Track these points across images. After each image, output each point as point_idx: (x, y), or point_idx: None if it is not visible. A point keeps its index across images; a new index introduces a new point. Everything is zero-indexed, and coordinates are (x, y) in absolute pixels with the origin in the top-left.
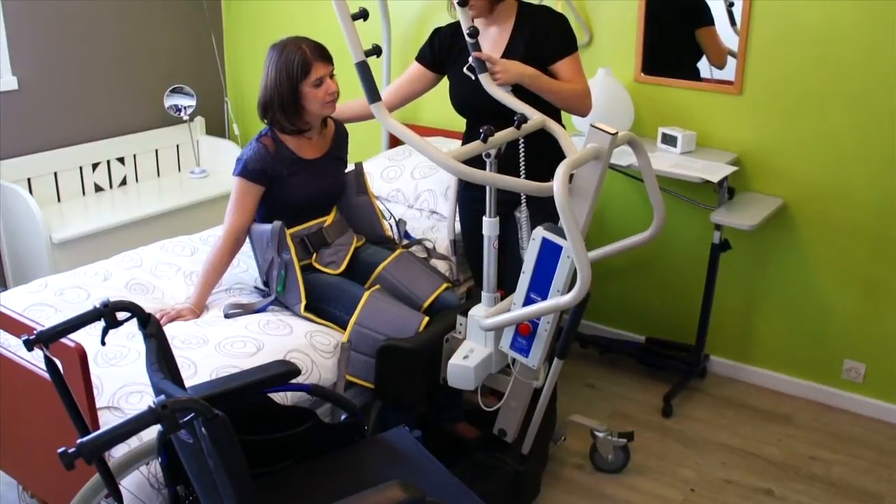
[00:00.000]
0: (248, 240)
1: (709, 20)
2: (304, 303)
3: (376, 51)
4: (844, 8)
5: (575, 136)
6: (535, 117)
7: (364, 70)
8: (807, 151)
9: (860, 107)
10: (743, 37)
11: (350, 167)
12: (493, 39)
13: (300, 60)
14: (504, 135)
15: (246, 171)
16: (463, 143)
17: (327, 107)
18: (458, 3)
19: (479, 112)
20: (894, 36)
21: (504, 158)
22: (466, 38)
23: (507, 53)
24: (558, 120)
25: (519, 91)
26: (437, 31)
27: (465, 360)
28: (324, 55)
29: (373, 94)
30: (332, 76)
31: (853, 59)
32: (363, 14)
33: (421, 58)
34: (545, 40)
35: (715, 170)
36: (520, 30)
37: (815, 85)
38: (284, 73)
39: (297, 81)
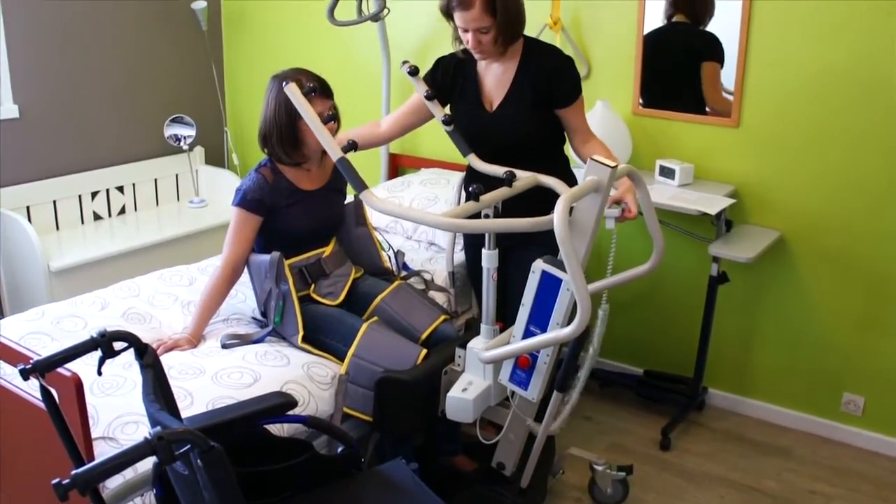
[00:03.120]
0: (246, 270)
1: (709, 56)
2: (301, 334)
3: (352, 146)
4: (840, 45)
5: (575, 169)
6: (526, 176)
7: (345, 165)
8: (804, 185)
9: (857, 141)
10: (740, 70)
11: (349, 198)
12: (496, 76)
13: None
14: (497, 194)
15: (244, 201)
16: (466, 175)
17: None
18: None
19: (482, 146)
20: (890, 73)
21: (504, 202)
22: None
23: (512, 92)
24: (558, 159)
25: (518, 145)
26: (438, 60)
27: (464, 393)
28: (324, 90)
29: (359, 185)
30: (332, 110)
31: (850, 94)
32: (353, 146)
33: None
34: (556, 86)
35: (712, 202)
36: (525, 68)
37: (813, 119)
38: (284, 106)
39: (295, 116)
